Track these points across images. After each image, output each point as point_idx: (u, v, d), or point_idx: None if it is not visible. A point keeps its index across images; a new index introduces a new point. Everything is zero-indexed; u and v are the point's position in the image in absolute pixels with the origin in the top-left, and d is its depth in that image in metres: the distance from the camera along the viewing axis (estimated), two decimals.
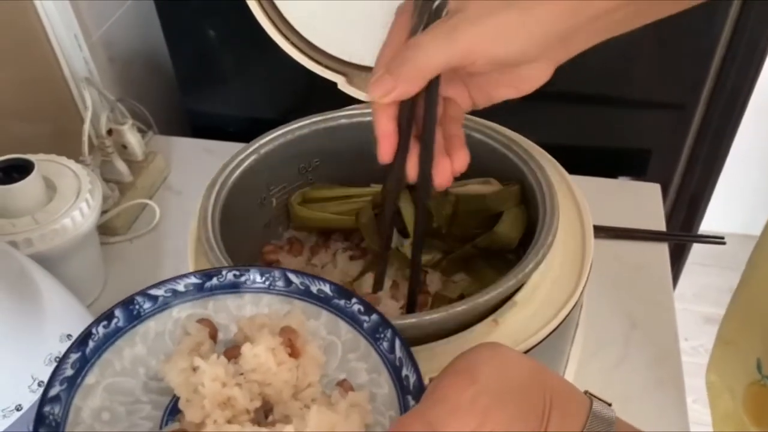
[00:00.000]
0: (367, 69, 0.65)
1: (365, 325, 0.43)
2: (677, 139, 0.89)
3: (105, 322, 0.43)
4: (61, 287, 0.60)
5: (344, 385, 0.42)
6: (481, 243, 0.59)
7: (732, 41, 0.79)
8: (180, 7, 0.89)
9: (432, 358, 0.45)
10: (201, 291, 0.46)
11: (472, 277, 0.61)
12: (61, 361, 0.40)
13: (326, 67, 0.65)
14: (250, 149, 0.59)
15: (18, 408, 0.53)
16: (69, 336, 0.58)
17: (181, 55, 0.94)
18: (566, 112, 0.85)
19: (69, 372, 0.40)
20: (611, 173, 0.87)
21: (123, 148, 0.87)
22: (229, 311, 0.46)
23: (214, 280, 0.46)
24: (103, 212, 0.79)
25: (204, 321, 0.45)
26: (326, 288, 0.45)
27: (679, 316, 0.74)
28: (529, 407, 0.35)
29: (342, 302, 0.44)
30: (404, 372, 0.41)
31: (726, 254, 1.29)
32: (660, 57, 0.79)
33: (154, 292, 0.45)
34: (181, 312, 0.45)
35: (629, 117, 0.86)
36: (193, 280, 0.46)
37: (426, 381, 0.40)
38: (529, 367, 0.36)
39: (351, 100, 0.65)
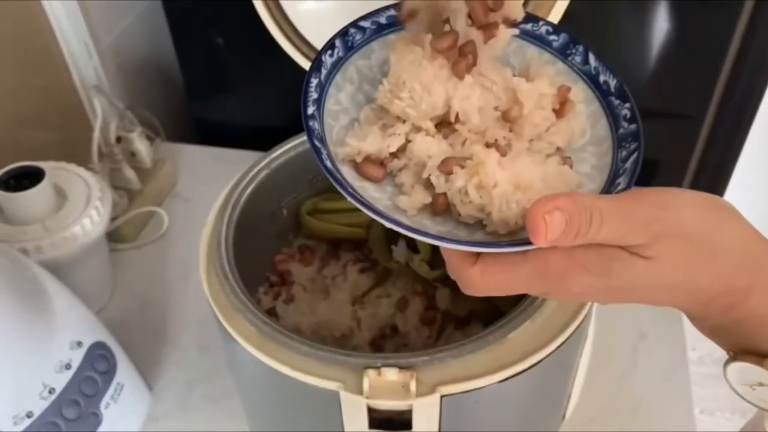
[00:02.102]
0: None
1: (621, 131, 0.44)
2: (685, 149, 0.89)
3: (330, 51, 0.45)
4: (70, 294, 0.61)
5: (566, 161, 0.42)
6: None
7: (741, 50, 0.79)
8: (189, 15, 0.89)
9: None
10: None
11: None
12: (306, 87, 0.43)
13: None
14: (262, 164, 0.59)
15: (29, 415, 0.53)
16: (79, 343, 0.58)
17: (190, 62, 0.95)
18: None
19: (314, 95, 0.43)
20: None
21: (132, 156, 0.87)
22: None
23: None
24: (112, 219, 0.79)
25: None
26: (612, 83, 0.45)
27: (686, 327, 0.74)
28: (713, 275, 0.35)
29: (616, 102, 0.45)
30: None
31: None
32: (668, 67, 0.79)
33: (363, 23, 0.47)
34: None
35: None
36: None
37: None
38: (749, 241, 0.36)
39: None
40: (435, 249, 0.57)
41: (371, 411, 0.46)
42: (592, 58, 0.46)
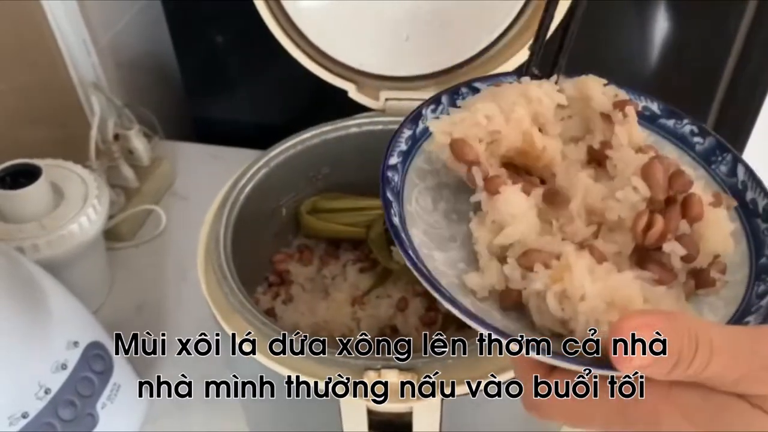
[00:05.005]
0: (377, 77, 0.64)
1: (763, 260, 0.37)
2: None
3: (433, 106, 0.42)
4: (67, 293, 0.60)
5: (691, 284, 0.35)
6: None
7: (742, 57, 0.78)
8: (188, 12, 0.89)
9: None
10: None
11: None
12: (396, 136, 0.40)
13: (336, 74, 0.65)
14: (261, 162, 0.59)
15: (24, 415, 0.53)
16: (75, 343, 0.57)
17: (188, 60, 0.94)
18: None
19: (403, 147, 0.40)
20: None
21: (129, 154, 0.86)
22: None
23: None
24: (109, 218, 0.78)
25: None
26: (762, 202, 0.38)
27: None
28: None
29: (763, 226, 0.38)
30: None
31: None
32: (669, 69, 0.79)
33: (478, 84, 0.43)
34: None
35: None
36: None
37: None
38: None
39: (360, 108, 0.65)
40: None
41: (371, 413, 0.45)
42: (740, 170, 0.40)
